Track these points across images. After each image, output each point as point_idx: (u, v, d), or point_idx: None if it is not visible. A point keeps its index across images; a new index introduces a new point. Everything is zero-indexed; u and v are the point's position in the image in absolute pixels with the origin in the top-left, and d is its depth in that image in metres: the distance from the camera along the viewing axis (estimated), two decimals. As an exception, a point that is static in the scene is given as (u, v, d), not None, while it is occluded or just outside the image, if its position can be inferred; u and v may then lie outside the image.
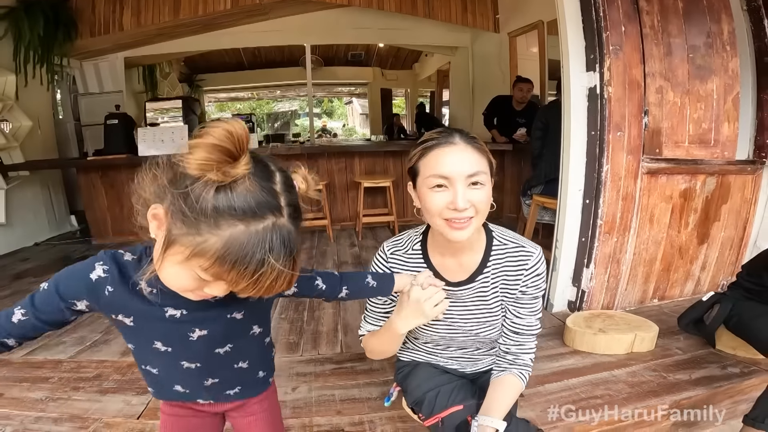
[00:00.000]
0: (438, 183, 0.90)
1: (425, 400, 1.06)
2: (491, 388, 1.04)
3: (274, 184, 0.58)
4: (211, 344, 0.77)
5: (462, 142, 0.92)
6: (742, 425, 1.36)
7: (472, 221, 0.92)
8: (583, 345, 1.79)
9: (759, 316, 1.54)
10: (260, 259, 0.55)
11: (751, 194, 2.25)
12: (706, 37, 2.01)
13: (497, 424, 0.93)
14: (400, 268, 1.08)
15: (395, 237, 1.12)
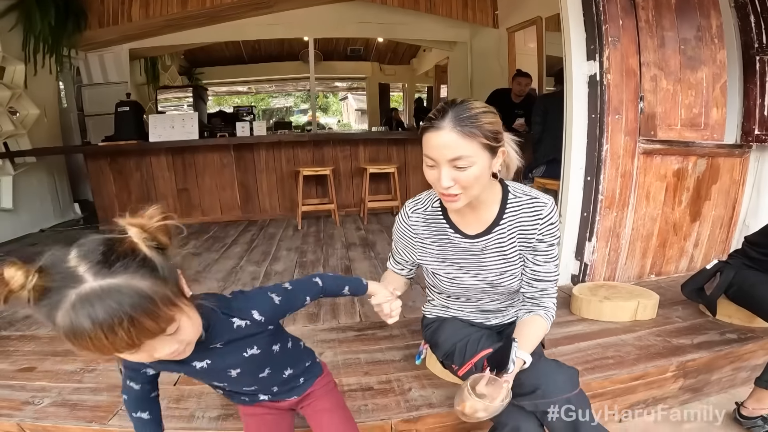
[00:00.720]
0: (429, 163, 1.02)
1: (455, 350, 1.17)
2: (518, 327, 1.15)
3: (65, 263, 0.60)
4: (252, 375, 0.92)
5: (449, 126, 0.97)
6: (753, 387, 1.45)
7: (460, 196, 1.03)
8: (590, 313, 1.91)
9: (757, 285, 1.62)
10: (80, 333, 0.58)
11: (740, 176, 2.42)
12: (696, 30, 2.17)
13: (525, 356, 1.04)
14: (421, 225, 1.20)
15: (415, 197, 1.24)
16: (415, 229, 1.21)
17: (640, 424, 1.52)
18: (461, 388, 1.00)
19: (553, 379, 1.04)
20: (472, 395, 0.97)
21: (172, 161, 4.17)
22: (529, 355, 1.06)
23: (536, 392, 1.03)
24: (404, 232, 1.24)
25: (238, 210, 4.34)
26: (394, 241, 1.30)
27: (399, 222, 1.24)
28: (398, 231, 1.26)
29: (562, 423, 1.01)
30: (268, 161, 4.28)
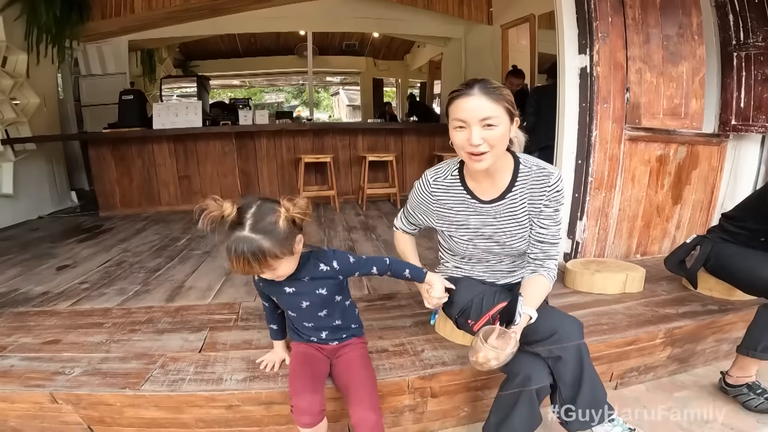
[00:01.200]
0: (459, 125, 1.17)
1: (472, 306, 1.31)
2: (524, 286, 1.28)
3: (244, 217, 1.06)
4: (314, 310, 1.26)
5: (479, 92, 1.14)
6: (736, 355, 1.55)
7: (487, 155, 1.17)
8: (583, 285, 2.06)
9: (734, 255, 1.74)
10: (231, 254, 1.05)
11: (717, 163, 2.63)
12: (678, 27, 2.36)
13: (530, 312, 1.18)
14: (440, 191, 1.34)
15: (435, 167, 1.39)
16: (435, 196, 1.35)
17: (634, 392, 1.66)
18: (474, 340, 1.15)
19: (567, 325, 1.19)
20: (485, 345, 1.11)
21: (174, 149, 4.25)
22: (535, 311, 1.19)
23: (553, 336, 1.16)
24: (424, 198, 1.37)
25: (238, 197, 4.40)
26: (411, 206, 1.43)
27: (419, 189, 1.37)
28: (417, 197, 1.39)
29: (571, 367, 1.15)
30: (269, 149, 4.38)
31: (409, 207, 1.45)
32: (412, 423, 1.42)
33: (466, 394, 1.44)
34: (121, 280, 2.33)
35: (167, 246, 3.02)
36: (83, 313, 1.89)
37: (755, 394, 1.51)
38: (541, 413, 1.21)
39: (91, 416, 1.33)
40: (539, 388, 1.16)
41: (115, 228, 3.59)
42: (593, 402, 1.16)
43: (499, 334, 1.13)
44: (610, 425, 1.17)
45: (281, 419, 1.34)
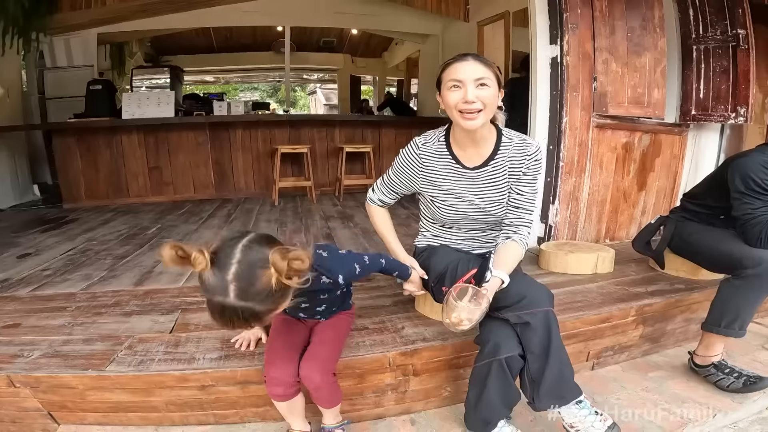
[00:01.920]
0: (454, 84, 1.23)
1: (447, 271, 1.33)
2: (497, 252, 1.32)
3: (225, 276, 0.86)
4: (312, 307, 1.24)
5: (472, 58, 1.25)
6: (702, 333, 1.59)
7: (480, 114, 1.23)
8: (557, 266, 2.11)
9: (695, 232, 1.81)
10: (217, 318, 0.89)
11: (679, 151, 2.75)
12: (642, 20, 2.46)
13: (504, 276, 1.22)
14: (428, 156, 1.38)
15: (423, 134, 1.42)
16: (423, 160, 1.38)
17: (611, 372, 1.69)
18: (446, 299, 1.16)
19: (536, 290, 1.23)
20: (458, 303, 1.13)
21: (144, 139, 4.14)
22: (507, 275, 1.22)
23: (522, 301, 1.19)
24: (411, 161, 1.40)
25: (212, 188, 4.35)
26: (394, 173, 1.45)
27: (407, 153, 1.40)
28: (403, 162, 1.41)
29: (539, 335, 1.17)
30: (245, 140, 4.32)
31: (391, 174, 1.47)
32: (395, 403, 1.41)
33: (447, 372, 1.44)
34: (86, 266, 2.24)
35: (136, 235, 2.93)
36: (45, 297, 1.82)
37: (724, 374, 1.55)
38: (517, 388, 1.23)
39: (51, 401, 1.27)
40: (509, 357, 1.18)
41: (80, 219, 3.46)
42: (560, 378, 1.17)
43: (472, 294, 1.15)
44: (577, 408, 1.17)
45: (259, 400, 1.30)
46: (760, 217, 1.54)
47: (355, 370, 1.32)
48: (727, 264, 1.63)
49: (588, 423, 1.14)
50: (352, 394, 1.34)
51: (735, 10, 2.43)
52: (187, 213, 3.65)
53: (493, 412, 1.21)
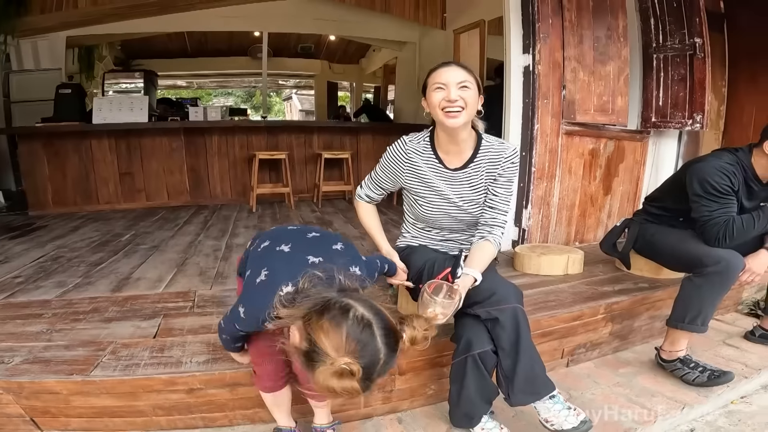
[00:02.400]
0: (438, 86, 1.32)
1: (425, 268, 1.40)
2: (472, 251, 1.39)
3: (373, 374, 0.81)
4: None
5: (454, 65, 1.35)
6: (667, 329, 1.67)
7: (462, 112, 1.31)
8: (531, 267, 2.20)
9: (657, 233, 1.91)
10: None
11: (641, 157, 2.91)
12: (607, 30, 2.60)
13: (476, 274, 1.28)
14: (414, 154, 1.45)
15: (411, 134, 1.49)
16: (410, 156, 1.44)
17: (584, 369, 1.77)
18: (421, 295, 1.21)
19: (505, 288, 1.30)
20: (432, 298, 1.18)
21: (116, 144, 4.04)
22: (479, 273, 1.29)
23: (491, 297, 1.25)
24: (399, 157, 1.46)
25: (186, 195, 4.28)
26: (381, 169, 1.51)
27: (395, 149, 1.46)
28: (391, 158, 1.47)
29: (508, 331, 1.24)
30: (221, 146, 4.28)
31: (378, 171, 1.53)
32: (382, 403, 1.44)
33: (431, 371, 1.49)
34: (59, 273, 2.18)
35: (109, 242, 2.86)
36: (19, 305, 1.77)
37: (689, 368, 1.64)
38: (493, 383, 1.29)
39: (33, 407, 1.24)
40: (481, 353, 1.25)
41: (48, 226, 3.34)
42: (532, 374, 1.23)
43: (446, 291, 1.20)
44: (551, 402, 1.23)
45: (248, 402, 1.31)
46: (718, 219, 1.64)
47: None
48: (688, 263, 1.72)
49: (562, 417, 1.21)
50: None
51: (693, 19, 2.56)
52: (161, 219, 3.59)
53: (474, 406, 1.27)
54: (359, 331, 0.80)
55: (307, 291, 0.88)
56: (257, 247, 1.14)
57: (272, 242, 1.12)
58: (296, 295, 0.89)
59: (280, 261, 1.05)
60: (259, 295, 0.98)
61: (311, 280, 0.90)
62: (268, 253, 1.10)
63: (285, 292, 0.91)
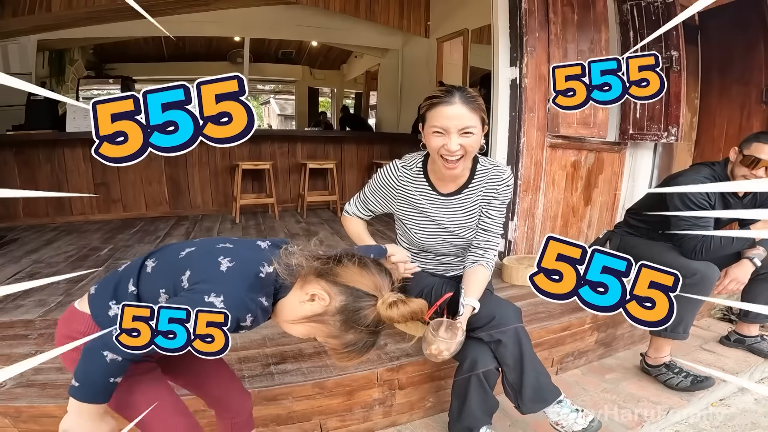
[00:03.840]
0: (437, 131, 1.25)
1: (423, 296, 1.39)
2: (466, 277, 1.39)
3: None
4: None
5: (459, 101, 1.22)
6: (651, 337, 1.75)
7: (460, 162, 1.29)
8: (519, 279, 2.24)
9: (638, 246, 1.94)
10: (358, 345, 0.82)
11: (619, 168, 3.01)
12: (590, 43, 2.67)
13: (473, 302, 1.30)
14: (406, 180, 1.43)
15: (402, 158, 1.47)
16: (401, 182, 1.43)
17: (572, 376, 1.85)
18: (425, 333, 1.24)
19: (505, 310, 1.32)
20: (436, 337, 1.21)
21: (90, 153, 3.88)
22: (477, 301, 1.31)
23: (492, 321, 1.29)
24: (390, 182, 1.43)
25: (165, 205, 4.16)
26: (371, 191, 1.48)
27: (387, 174, 1.44)
28: (381, 181, 1.45)
29: (511, 349, 1.27)
30: (201, 156, 4.19)
31: (367, 192, 1.49)
32: (382, 417, 1.46)
33: (429, 384, 1.52)
34: (39, 291, 2.08)
35: (87, 256, 2.76)
36: (2, 325, 1.74)
37: (674, 373, 1.72)
38: (495, 397, 1.32)
39: (32, 430, 1.22)
40: (485, 371, 1.28)
41: (20, 239, 3.19)
42: (538, 384, 1.27)
43: (447, 326, 1.23)
44: (559, 407, 1.28)
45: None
46: (696, 233, 1.71)
47: (345, 388, 1.36)
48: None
49: (571, 420, 1.25)
50: (342, 411, 1.38)
51: (670, 31, 2.65)
52: (140, 232, 3.48)
53: (476, 420, 1.29)
54: (377, 270, 0.84)
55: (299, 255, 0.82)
56: (170, 256, 0.88)
57: (200, 247, 0.89)
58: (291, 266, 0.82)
59: (236, 250, 0.86)
60: (238, 279, 0.80)
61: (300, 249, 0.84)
62: (208, 250, 0.87)
63: (266, 273, 0.83)
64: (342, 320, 0.78)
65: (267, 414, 1.29)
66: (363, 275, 0.81)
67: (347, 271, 0.80)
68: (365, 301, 0.78)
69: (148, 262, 0.88)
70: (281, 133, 4.69)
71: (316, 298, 0.80)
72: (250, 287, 0.81)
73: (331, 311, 0.79)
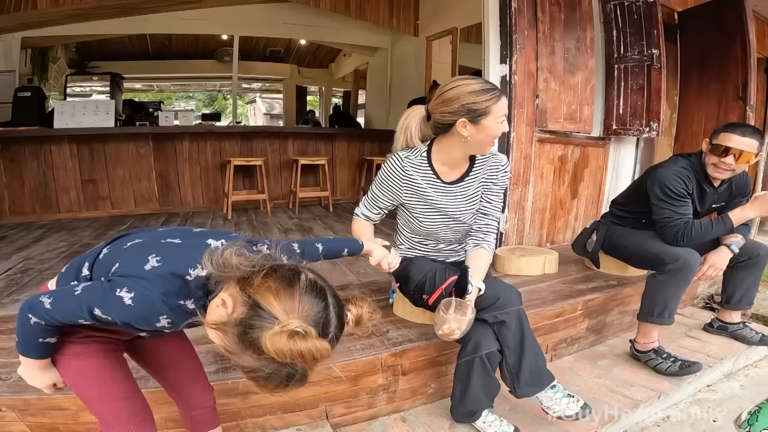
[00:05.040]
0: (503, 119, 1.36)
1: (426, 280, 1.45)
2: (470, 259, 1.46)
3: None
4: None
5: (502, 94, 1.38)
6: (638, 323, 1.81)
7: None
8: (511, 268, 2.32)
9: (623, 235, 2.07)
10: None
11: (603, 162, 3.12)
12: (576, 41, 2.75)
13: (479, 284, 1.36)
14: (411, 168, 1.48)
15: (404, 150, 1.52)
16: (407, 171, 1.48)
17: (566, 363, 1.91)
18: (437, 313, 1.28)
19: (508, 292, 1.39)
20: (448, 316, 1.25)
21: (77, 150, 3.84)
22: (482, 283, 1.37)
23: (497, 303, 1.35)
24: (396, 173, 1.48)
25: (155, 202, 4.13)
26: (378, 187, 1.52)
27: (391, 164, 1.49)
28: (388, 174, 1.50)
29: (513, 331, 1.33)
30: (192, 152, 4.17)
31: (375, 190, 1.53)
32: (386, 403, 1.50)
33: (432, 370, 1.55)
34: (33, 286, 2.07)
35: (79, 252, 2.66)
36: (2, 319, 1.69)
37: (662, 358, 1.79)
38: (497, 380, 1.38)
39: (40, 423, 1.21)
40: (489, 353, 1.33)
41: (8, 236, 3.14)
42: (536, 367, 1.33)
43: (456, 306, 1.28)
44: (552, 392, 1.34)
45: (258, 410, 1.32)
46: (677, 220, 1.81)
47: (351, 373, 1.39)
48: (651, 261, 1.88)
49: (563, 404, 1.31)
50: (347, 397, 1.40)
51: (651, 30, 2.77)
52: (131, 228, 3.45)
53: (478, 403, 1.34)
54: (313, 296, 0.71)
55: (234, 258, 0.73)
56: (119, 245, 0.87)
57: (148, 239, 0.88)
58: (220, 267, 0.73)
59: (173, 249, 0.83)
60: (156, 280, 0.77)
61: (238, 250, 0.74)
62: (150, 244, 0.85)
63: (195, 276, 0.77)
64: (237, 335, 0.70)
65: (275, 401, 1.31)
66: (279, 294, 0.70)
67: (265, 285, 0.71)
68: (263, 322, 0.68)
69: (105, 249, 0.88)
70: (273, 130, 4.69)
71: (223, 304, 0.74)
72: (169, 290, 0.77)
73: (231, 322, 0.71)
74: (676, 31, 3.40)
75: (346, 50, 7.00)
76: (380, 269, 1.23)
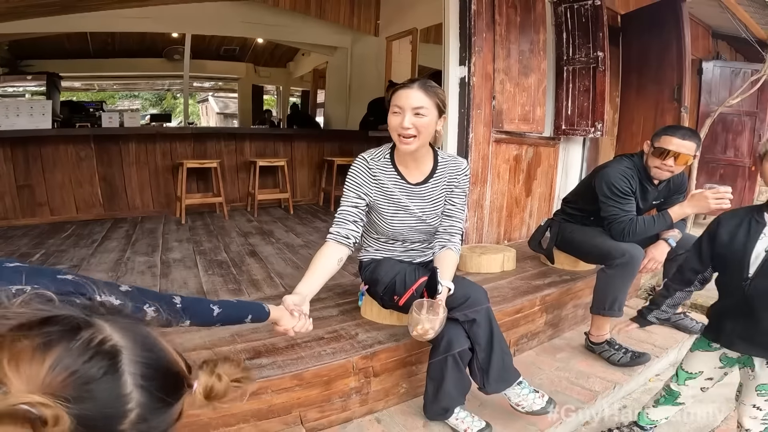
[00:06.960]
0: (396, 110, 1.38)
1: (396, 282, 1.47)
2: (438, 260, 1.48)
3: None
4: None
5: (416, 86, 1.37)
6: (591, 316, 1.91)
7: (414, 140, 1.38)
8: (473, 267, 2.37)
9: (574, 231, 2.17)
10: None
11: (554, 161, 3.27)
12: (530, 44, 2.86)
13: (448, 284, 1.39)
14: (377, 169, 1.49)
15: (371, 150, 1.54)
16: (373, 172, 1.49)
17: (528, 358, 1.97)
18: (410, 314, 1.29)
19: (476, 291, 1.43)
20: (421, 317, 1.26)
21: (11, 154, 3.54)
22: (452, 283, 1.40)
23: (467, 302, 1.38)
24: (363, 173, 1.49)
25: (99, 207, 3.88)
26: (349, 196, 1.47)
27: (358, 167, 1.49)
28: (355, 174, 1.49)
29: (483, 328, 1.37)
30: (140, 155, 3.95)
31: (346, 193, 1.49)
32: (360, 405, 1.49)
33: (402, 370, 1.57)
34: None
35: (16, 265, 2.51)
36: None
37: (615, 350, 1.89)
38: (469, 377, 1.41)
39: None
40: (461, 351, 1.37)
41: (-70, 249, 2.84)
42: (503, 364, 1.37)
43: (428, 306, 1.29)
44: (519, 388, 1.39)
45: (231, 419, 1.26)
46: (623, 217, 1.91)
47: (323, 378, 1.37)
48: (600, 256, 1.99)
49: (530, 400, 1.37)
50: (320, 402, 1.38)
51: (597, 33, 2.91)
52: (73, 236, 3.22)
53: (451, 400, 1.37)
54: (83, 360, 0.46)
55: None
56: None
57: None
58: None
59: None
60: None
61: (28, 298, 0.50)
62: None
63: None
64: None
65: (247, 409, 1.27)
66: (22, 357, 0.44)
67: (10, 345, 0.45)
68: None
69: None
70: (228, 131, 4.53)
71: None
72: None
73: None
74: (619, 34, 3.59)
75: (306, 49, 6.90)
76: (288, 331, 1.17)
